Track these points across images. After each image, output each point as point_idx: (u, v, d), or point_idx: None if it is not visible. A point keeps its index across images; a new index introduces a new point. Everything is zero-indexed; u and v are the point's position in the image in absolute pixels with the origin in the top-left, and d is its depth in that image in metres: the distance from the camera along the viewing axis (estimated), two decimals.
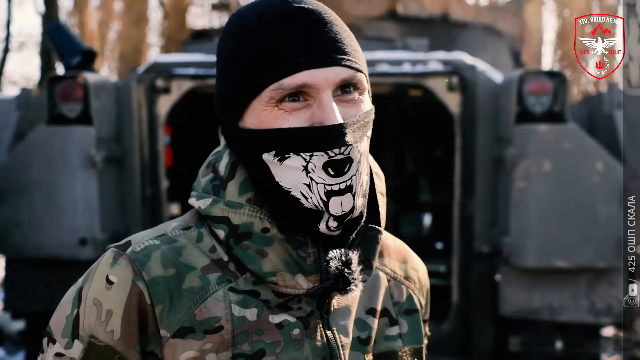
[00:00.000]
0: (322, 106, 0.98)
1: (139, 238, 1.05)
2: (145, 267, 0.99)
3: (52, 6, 14.01)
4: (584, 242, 3.90)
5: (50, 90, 4.30)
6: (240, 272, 1.03)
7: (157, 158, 4.51)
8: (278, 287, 1.02)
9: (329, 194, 0.99)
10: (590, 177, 3.88)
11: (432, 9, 6.57)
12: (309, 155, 0.97)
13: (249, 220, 1.01)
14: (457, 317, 4.43)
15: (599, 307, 4.09)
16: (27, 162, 4.24)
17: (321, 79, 0.98)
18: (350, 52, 1.01)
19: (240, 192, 1.03)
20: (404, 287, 1.19)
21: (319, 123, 0.97)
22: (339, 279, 1.01)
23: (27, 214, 4.23)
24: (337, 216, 1.00)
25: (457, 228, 4.42)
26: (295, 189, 0.99)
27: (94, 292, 1.00)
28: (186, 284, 1.00)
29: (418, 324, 1.18)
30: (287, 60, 0.97)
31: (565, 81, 4.05)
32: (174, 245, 1.03)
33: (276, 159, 0.99)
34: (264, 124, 0.99)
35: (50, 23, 7.71)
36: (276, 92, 0.97)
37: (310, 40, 0.98)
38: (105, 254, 1.04)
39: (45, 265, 4.33)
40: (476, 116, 4.28)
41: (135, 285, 0.98)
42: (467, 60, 4.40)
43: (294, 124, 0.98)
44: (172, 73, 4.46)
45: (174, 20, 12.89)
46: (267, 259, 1.01)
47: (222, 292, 1.01)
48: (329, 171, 0.98)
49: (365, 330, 1.10)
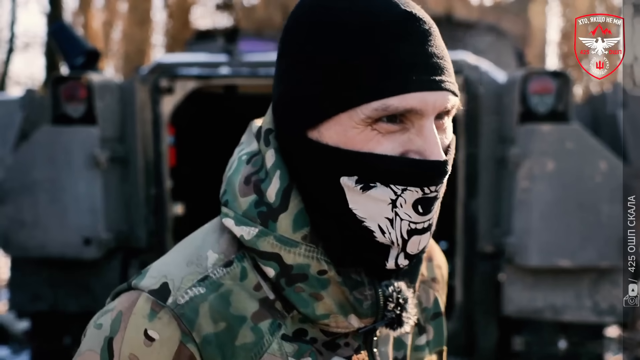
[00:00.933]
0: (424, 135, 0.85)
1: (177, 282, 0.89)
2: (195, 326, 0.86)
3: (57, 6, 14.03)
4: (587, 241, 3.90)
5: (54, 90, 4.31)
6: (287, 311, 0.92)
7: (160, 158, 4.52)
8: (328, 328, 0.93)
9: (411, 233, 0.88)
10: (594, 177, 3.88)
11: (435, 9, 6.57)
12: (401, 189, 0.85)
13: (305, 261, 0.89)
14: (460, 317, 4.43)
15: (602, 307, 4.09)
16: (31, 162, 4.26)
17: (429, 105, 0.84)
18: (452, 74, 0.89)
19: (295, 228, 0.90)
20: (430, 290, 1.13)
21: (418, 153, 0.85)
22: (394, 320, 0.95)
23: (31, 214, 4.25)
24: (411, 255, 0.91)
25: (461, 228, 4.42)
26: (373, 220, 0.87)
27: (130, 347, 0.85)
28: (239, 340, 0.88)
29: (441, 327, 1.13)
30: (398, 76, 0.83)
31: (568, 81, 4.04)
32: (221, 291, 0.89)
33: (358, 186, 0.86)
34: (350, 144, 0.85)
35: (54, 23, 7.73)
36: (378, 113, 0.83)
37: (423, 54, 0.84)
38: (139, 300, 0.88)
39: (49, 264, 4.34)
40: (479, 116, 4.28)
41: (185, 347, 0.85)
42: (470, 60, 4.40)
43: (389, 150, 0.85)
44: (176, 73, 4.46)
45: (177, 20, 12.90)
46: (322, 303, 0.90)
47: (276, 345, 0.89)
48: (419, 209, 0.87)
49: (401, 350, 1.04)
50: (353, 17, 0.85)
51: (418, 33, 0.84)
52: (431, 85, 0.84)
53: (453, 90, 0.87)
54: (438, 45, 0.86)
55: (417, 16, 0.85)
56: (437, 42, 0.86)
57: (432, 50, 0.85)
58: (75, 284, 4.28)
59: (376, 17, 0.84)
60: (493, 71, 4.46)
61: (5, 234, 4.30)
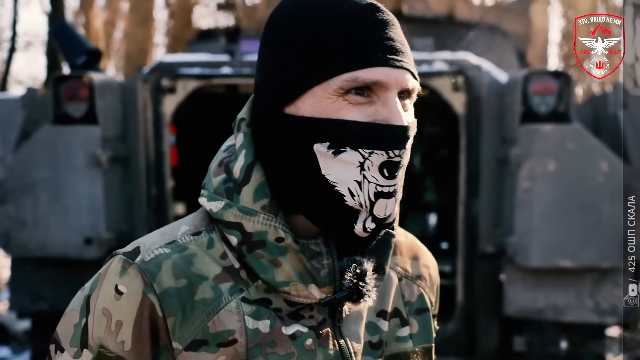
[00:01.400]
0: (388, 105, 0.95)
1: (148, 245, 1.00)
2: (156, 279, 0.96)
3: (59, 6, 14.04)
4: (589, 242, 3.90)
5: (56, 89, 4.32)
6: (251, 280, 1.00)
7: (162, 158, 4.53)
8: (290, 297, 1.00)
9: (378, 195, 0.96)
10: (595, 177, 3.87)
11: (437, 9, 6.56)
12: (368, 153, 0.95)
13: (263, 228, 0.98)
14: (461, 317, 4.43)
15: (603, 307, 4.08)
16: (32, 161, 4.26)
17: (392, 79, 0.95)
18: (411, 60, 1.00)
19: (255, 199, 0.99)
20: (415, 286, 1.17)
21: (384, 121, 0.95)
22: (352, 291, 1.00)
23: (33, 214, 4.25)
24: (378, 218, 0.98)
25: (462, 228, 4.42)
26: (343, 184, 0.96)
27: (102, 302, 0.97)
28: (198, 295, 0.97)
29: (428, 322, 1.16)
30: (365, 52, 0.94)
31: (570, 81, 4.04)
32: (185, 253, 0.99)
33: (330, 151, 0.95)
34: (323, 113, 0.95)
35: (55, 23, 7.74)
36: (348, 83, 0.94)
37: (385, 38, 0.96)
38: (113, 261, 1.00)
39: (50, 264, 4.35)
40: (481, 116, 4.28)
41: (147, 297, 0.95)
42: (472, 60, 4.40)
43: (358, 118, 0.95)
44: (178, 73, 4.47)
45: (179, 20, 12.90)
46: (281, 269, 0.98)
47: (235, 304, 0.98)
48: (384, 172, 0.96)
49: (377, 334, 1.08)
50: (326, 6, 0.97)
51: (381, 20, 0.97)
52: (394, 63, 0.96)
53: (412, 72, 0.99)
54: (398, 33, 0.99)
55: (379, 7, 0.98)
56: (397, 31, 0.99)
57: (392, 36, 0.97)
58: (76, 283, 4.24)
59: (344, 6, 0.97)
60: (495, 71, 4.46)
61: (6, 233, 4.30)
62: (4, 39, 18.48)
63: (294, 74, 0.97)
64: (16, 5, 17.26)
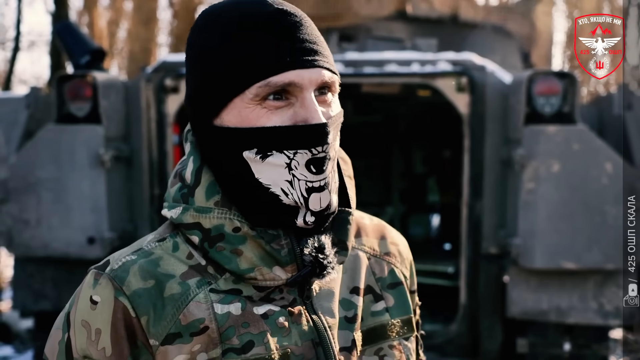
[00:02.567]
0: (305, 105, 1.00)
1: (116, 256, 1.06)
2: (124, 282, 1.01)
3: (62, 5, 14.06)
4: (593, 243, 3.88)
5: (59, 89, 4.31)
6: (219, 273, 1.05)
7: (165, 157, 4.52)
8: (258, 282, 1.05)
9: (310, 191, 1.02)
10: (600, 178, 3.86)
11: (441, 9, 6.56)
12: (292, 153, 1.00)
13: (219, 222, 1.04)
14: (465, 318, 4.42)
15: (607, 309, 4.07)
16: (35, 160, 4.26)
17: (305, 79, 1.00)
18: (327, 55, 1.05)
19: (207, 197, 1.05)
20: (384, 262, 1.22)
21: (303, 121, 1.00)
22: (314, 265, 1.05)
23: (36, 213, 4.25)
24: (316, 212, 1.03)
25: (465, 229, 4.40)
26: (276, 185, 1.02)
27: (80, 314, 1.02)
28: (167, 292, 1.02)
29: (403, 295, 1.20)
30: (275, 58, 0.99)
31: (574, 82, 4.03)
32: (151, 257, 1.05)
33: (258, 157, 1.01)
34: (245, 122, 1.01)
35: (59, 22, 7.74)
36: (263, 90, 0.99)
37: (295, 40, 1.01)
38: (87, 277, 1.06)
39: (53, 264, 4.35)
40: (485, 117, 4.26)
41: (118, 300, 1.00)
42: (476, 60, 4.38)
43: (278, 123, 1.00)
44: (181, 72, 4.46)
45: (183, 20, 12.91)
46: (243, 257, 1.03)
47: (202, 295, 1.03)
48: (311, 168, 1.01)
49: (351, 309, 1.13)
50: (234, 18, 1.02)
51: (289, 24, 1.01)
52: (305, 64, 1.00)
53: (327, 67, 1.03)
54: (310, 33, 1.03)
55: (287, 11, 1.02)
56: (309, 31, 1.03)
57: (303, 37, 1.02)
58: (79, 283, 4.27)
59: (253, 15, 1.01)
60: (499, 72, 4.45)
61: (9, 233, 4.30)
62: (7, 38, 18.51)
63: (213, 88, 1.03)
64: (20, 5, 17.28)
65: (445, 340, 4.38)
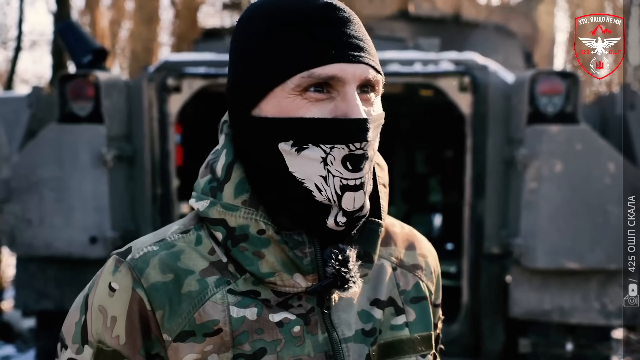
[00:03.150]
0: (347, 99, 0.98)
1: (139, 244, 1.06)
2: (143, 274, 1.01)
3: (64, 5, 14.06)
4: (595, 243, 3.88)
5: (62, 88, 4.32)
6: (239, 273, 1.04)
7: (167, 157, 4.52)
8: (277, 287, 1.03)
9: (344, 189, 0.99)
10: (602, 178, 3.86)
11: (443, 9, 6.56)
12: (329, 147, 0.98)
13: (244, 222, 1.02)
14: (467, 318, 4.42)
15: (609, 309, 4.07)
16: (38, 160, 4.26)
17: (349, 73, 0.98)
18: (373, 54, 1.03)
19: (235, 194, 1.03)
20: (410, 274, 1.18)
21: (342, 115, 0.98)
22: (336, 278, 1.02)
23: (38, 212, 4.25)
24: (348, 212, 1.01)
25: (468, 229, 4.40)
26: (310, 180, 0.99)
27: (98, 299, 1.02)
28: (185, 288, 1.01)
29: (426, 311, 1.17)
30: (320, 50, 0.98)
31: (577, 82, 4.02)
32: (173, 250, 1.04)
33: (293, 149, 0.99)
34: (284, 112, 0.99)
35: (61, 21, 7.75)
36: (305, 80, 0.97)
37: (342, 35, 0.99)
38: (108, 261, 1.06)
39: (55, 263, 4.35)
40: (487, 117, 4.26)
41: (135, 292, 1.00)
42: (478, 60, 4.38)
43: (317, 115, 0.98)
44: (183, 72, 4.46)
45: (185, 20, 12.91)
46: (264, 260, 1.02)
47: (220, 295, 1.02)
48: (347, 165, 0.99)
49: (370, 322, 1.09)
50: (282, 9, 1.01)
51: (337, 19, 1.00)
52: (350, 58, 0.99)
53: (373, 65, 1.02)
54: (357, 30, 1.02)
55: (336, 6, 1.01)
56: (356, 28, 1.02)
57: (350, 33, 1.00)
58: (81, 282, 4.25)
59: (302, 7, 1.00)
60: (501, 71, 4.44)
61: (12, 232, 4.30)
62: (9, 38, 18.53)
63: (255, 78, 1.01)
64: (22, 5, 17.29)
65: (447, 340, 4.37)
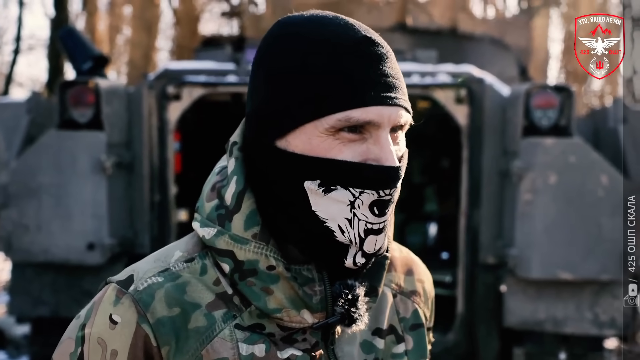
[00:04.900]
0: (380, 144, 0.95)
1: (141, 273, 1.01)
2: (149, 309, 0.97)
3: (62, 10, 14.08)
4: (589, 255, 3.92)
5: (62, 95, 4.33)
6: (244, 306, 1.01)
7: (166, 164, 4.54)
8: (283, 322, 1.01)
9: (368, 232, 0.97)
10: (595, 190, 3.90)
11: (440, 21, 6.61)
12: (359, 192, 0.95)
13: (254, 257, 0.99)
14: (461, 328, 4.45)
15: (602, 319, 4.11)
16: (36, 166, 4.27)
17: (385, 117, 0.95)
18: (405, 93, 1.00)
19: (246, 227, 1.00)
20: (409, 301, 1.18)
21: (375, 161, 0.95)
22: (344, 316, 1.01)
23: (36, 218, 4.25)
24: (368, 254, 0.99)
25: (463, 239, 4.44)
26: (334, 221, 0.96)
27: (98, 331, 0.98)
28: (192, 323, 0.98)
29: (423, 338, 1.17)
30: (359, 91, 0.93)
31: (571, 95, 4.08)
32: (178, 281, 1.00)
33: (320, 189, 0.95)
34: (314, 151, 0.95)
35: (62, 27, 7.76)
36: (341, 123, 0.93)
37: (382, 74, 0.95)
38: (108, 289, 1.01)
39: (52, 269, 4.35)
40: (483, 128, 4.31)
41: (140, 327, 0.96)
42: (475, 72, 4.43)
43: (349, 157, 0.94)
44: (183, 80, 4.49)
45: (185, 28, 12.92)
46: (273, 297, 0.99)
47: (228, 331, 0.99)
48: (374, 210, 0.96)
49: (372, 353, 1.09)
50: (319, 37, 0.95)
51: (376, 55, 0.95)
52: (387, 101, 0.95)
53: (405, 106, 0.98)
54: (393, 67, 0.97)
55: (375, 41, 0.96)
56: (392, 64, 0.97)
57: (387, 71, 0.96)
58: (78, 289, 4.28)
59: (340, 39, 0.94)
60: (497, 84, 4.49)
61: (9, 238, 4.30)
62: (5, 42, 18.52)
63: (285, 108, 0.96)
64: (21, 9, 17.30)
65: (442, 349, 4.40)
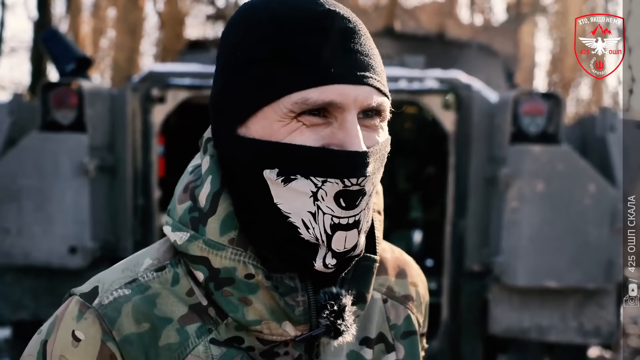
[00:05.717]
0: (345, 128, 0.85)
1: (107, 284, 0.92)
2: (115, 325, 0.88)
3: (45, 12, 13.97)
4: (575, 263, 3.92)
5: (44, 96, 4.27)
6: (220, 317, 0.92)
7: (149, 168, 4.49)
8: (263, 335, 0.92)
9: (335, 228, 0.87)
10: (583, 199, 3.90)
11: (428, 27, 6.62)
12: (321, 181, 0.85)
13: (231, 264, 0.89)
14: (446, 335, 4.42)
15: (587, 328, 4.10)
16: (18, 168, 4.21)
17: (350, 98, 0.85)
18: (379, 72, 0.90)
19: (222, 231, 0.90)
20: (401, 307, 1.09)
21: (339, 146, 0.85)
22: (330, 328, 0.92)
23: (17, 221, 4.19)
24: (338, 253, 0.88)
25: (449, 246, 4.42)
26: (297, 215, 0.87)
27: (60, 349, 0.89)
28: (163, 340, 0.89)
29: (415, 346, 1.09)
30: (317, 68, 0.84)
31: (560, 103, 4.07)
32: (147, 294, 0.91)
33: (279, 179, 0.86)
34: (275, 136, 0.86)
35: (45, 29, 7.69)
36: (298, 106, 0.84)
37: (343, 50, 0.85)
38: (70, 303, 0.92)
39: (33, 273, 4.29)
40: (471, 135, 4.29)
41: (106, 346, 0.88)
42: (463, 78, 4.42)
43: (309, 142, 0.85)
44: (168, 83, 4.45)
45: (170, 30, 12.88)
46: (252, 308, 0.90)
47: (202, 347, 0.90)
48: (341, 202, 0.86)
49: None
50: (274, 13, 0.87)
51: (340, 29, 0.86)
52: (351, 79, 0.85)
53: (379, 87, 0.88)
54: (363, 43, 0.88)
55: (340, 14, 0.86)
56: (362, 41, 0.88)
57: (355, 47, 0.86)
58: (59, 293, 4.22)
59: (297, 14, 0.86)
60: (485, 90, 4.48)
61: None
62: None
63: (243, 92, 0.88)
64: (3, 12, 17.17)
65: (426, 356, 4.37)
